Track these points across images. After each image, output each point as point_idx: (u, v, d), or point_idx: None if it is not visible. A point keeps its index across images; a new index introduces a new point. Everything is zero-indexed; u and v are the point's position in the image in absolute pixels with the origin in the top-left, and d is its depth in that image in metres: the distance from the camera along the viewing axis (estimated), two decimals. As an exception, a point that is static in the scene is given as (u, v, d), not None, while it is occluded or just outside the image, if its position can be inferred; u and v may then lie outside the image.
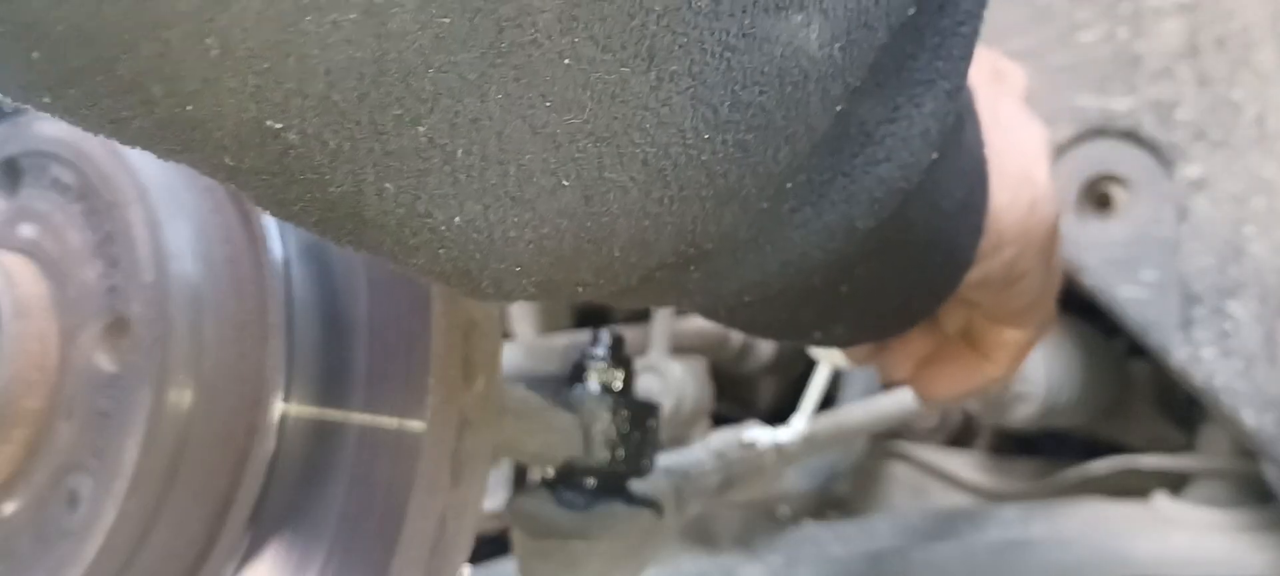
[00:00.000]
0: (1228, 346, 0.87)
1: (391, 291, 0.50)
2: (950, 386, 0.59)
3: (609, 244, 0.31)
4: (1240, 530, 1.09)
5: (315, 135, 0.26)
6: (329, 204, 0.28)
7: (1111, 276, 0.91)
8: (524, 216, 0.29)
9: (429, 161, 0.27)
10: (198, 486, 0.50)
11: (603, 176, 0.29)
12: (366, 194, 0.27)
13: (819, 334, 0.48)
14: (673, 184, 0.31)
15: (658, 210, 0.31)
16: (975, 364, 0.58)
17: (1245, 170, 0.86)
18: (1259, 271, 0.86)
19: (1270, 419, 0.86)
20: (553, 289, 0.33)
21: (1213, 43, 0.87)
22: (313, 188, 0.27)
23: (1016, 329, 0.57)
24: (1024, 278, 0.52)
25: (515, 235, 0.29)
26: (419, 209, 0.28)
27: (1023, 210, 0.49)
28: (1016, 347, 0.58)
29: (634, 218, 0.31)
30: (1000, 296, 0.53)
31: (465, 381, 0.49)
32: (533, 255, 0.30)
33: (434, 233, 0.29)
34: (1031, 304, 0.55)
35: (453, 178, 0.28)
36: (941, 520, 1.23)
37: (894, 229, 0.40)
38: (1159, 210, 0.90)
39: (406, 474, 0.48)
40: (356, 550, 0.49)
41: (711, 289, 0.39)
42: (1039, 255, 0.52)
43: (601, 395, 0.59)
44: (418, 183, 0.27)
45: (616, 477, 0.60)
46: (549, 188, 0.29)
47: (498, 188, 0.28)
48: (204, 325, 0.49)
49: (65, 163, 0.52)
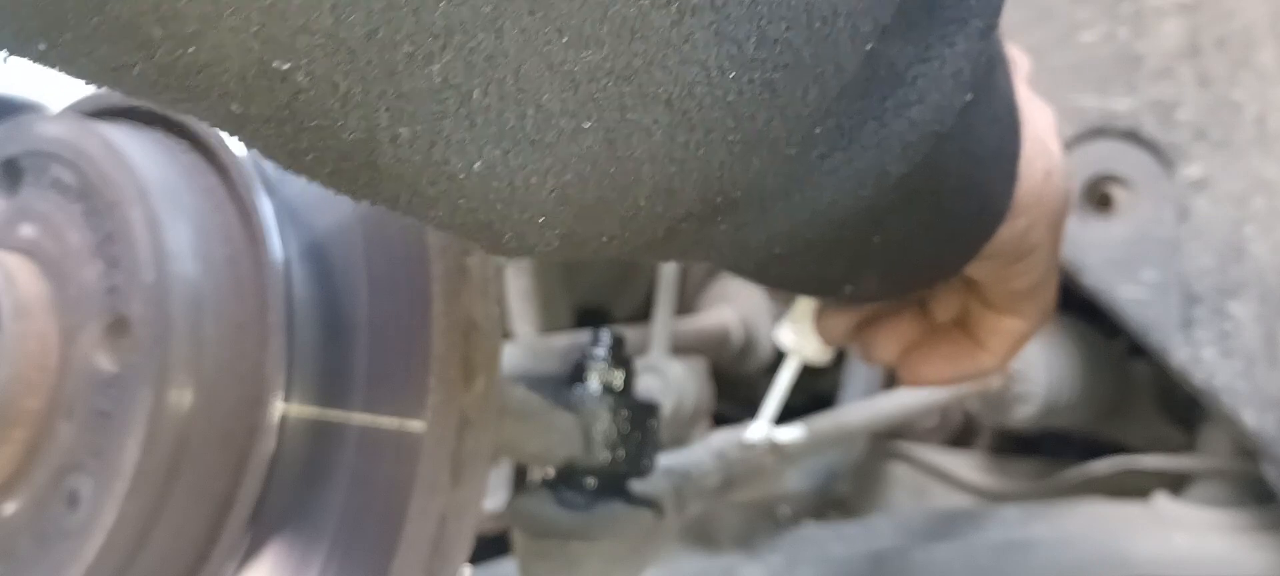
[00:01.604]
0: (1228, 347, 0.87)
1: (392, 291, 0.50)
2: (940, 371, 0.57)
3: (634, 192, 0.30)
4: (1240, 530, 1.09)
5: (324, 77, 0.25)
6: (342, 153, 0.27)
7: (1112, 276, 0.91)
8: (545, 162, 0.28)
9: (444, 103, 0.26)
10: (198, 487, 0.50)
11: (625, 118, 0.28)
12: (380, 140, 0.26)
13: (849, 288, 0.46)
14: (698, 126, 0.29)
15: (683, 155, 0.30)
16: (969, 351, 0.56)
17: (1246, 170, 0.86)
18: (1260, 271, 0.86)
19: (1271, 419, 0.86)
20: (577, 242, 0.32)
21: (1213, 43, 0.87)
22: (324, 135, 0.26)
23: (1015, 317, 0.55)
24: (1033, 252, 0.50)
25: (537, 182, 0.28)
26: (436, 156, 0.27)
27: (1039, 178, 0.47)
28: (1014, 337, 0.56)
29: (659, 163, 0.30)
30: (1006, 272, 0.51)
31: (465, 381, 0.49)
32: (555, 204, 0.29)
33: (452, 181, 0.27)
34: (1034, 286, 0.53)
35: (469, 121, 0.26)
36: (942, 520, 1.23)
37: (927, 176, 0.38)
38: (1159, 210, 0.90)
39: (407, 474, 0.48)
40: (357, 550, 0.49)
41: (740, 242, 0.38)
42: (1050, 230, 0.50)
43: (602, 395, 0.59)
44: (433, 127, 0.26)
45: (617, 478, 0.60)
46: (570, 130, 0.27)
47: (517, 131, 0.27)
48: (204, 325, 0.49)
49: (65, 162, 0.52)
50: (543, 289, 1.20)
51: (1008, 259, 0.50)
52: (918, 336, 0.57)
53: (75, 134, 0.52)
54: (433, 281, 0.49)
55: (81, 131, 0.52)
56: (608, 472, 0.59)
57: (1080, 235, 0.92)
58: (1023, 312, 0.55)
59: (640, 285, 1.31)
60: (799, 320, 0.64)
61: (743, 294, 1.27)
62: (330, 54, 0.24)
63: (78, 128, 0.52)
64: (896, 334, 0.57)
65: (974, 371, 0.57)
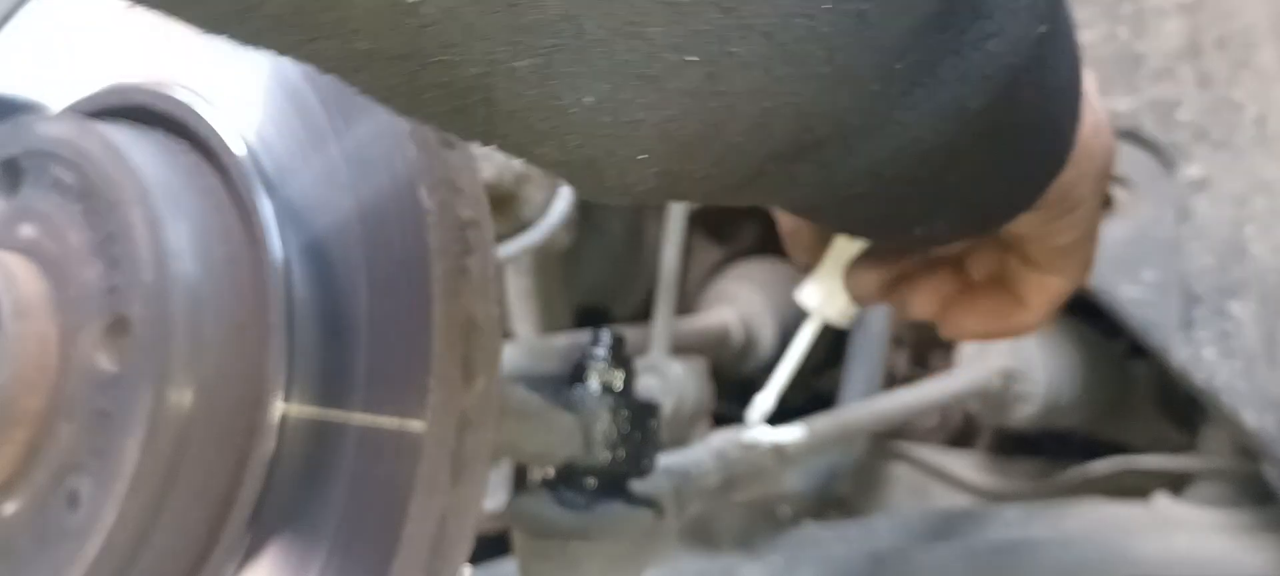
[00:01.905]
0: (1229, 347, 0.87)
1: (392, 291, 0.50)
2: (980, 325, 0.57)
3: (729, 128, 0.31)
4: (1241, 530, 1.09)
5: (451, 9, 0.25)
6: (462, 88, 0.28)
7: (1112, 276, 0.91)
8: (650, 97, 0.29)
9: (560, 36, 0.27)
10: (198, 487, 0.50)
11: (726, 50, 0.29)
12: (498, 75, 0.27)
13: (920, 229, 0.47)
14: (793, 59, 0.30)
15: (777, 89, 0.30)
16: (1009, 307, 0.57)
17: (1246, 170, 0.86)
18: (1260, 272, 0.86)
19: (1271, 419, 0.86)
20: (672, 182, 0.32)
21: (1214, 43, 0.87)
22: (447, 70, 0.27)
23: (1056, 275, 0.55)
24: (1080, 206, 0.51)
25: (642, 117, 0.29)
26: (549, 90, 0.28)
27: (1089, 129, 0.48)
28: (1054, 294, 0.56)
29: (754, 97, 0.30)
30: (1052, 227, 0.52)
31: (465, 381, 0.49)
32: (657, 140, 0.30)
33: (563, 116, 0.28)
34: (1076, 243, 0.53)
35: (582, 54, 0.27)
36: (942, 520, 1.23)
37: (1003, 110, 0.39)
38: (1160, 210, 0.90)
39: (407, 474, 0.48)
40: (357, 550, 0.49)
41: (822, 181, 0.38)
42: (1096, 184, 0.51)
43: (602, 395, 0.59)
44: (548, 61, 0.27)
45: (617, 478, 0.60)
46: (674, 64, 0.28)
47: (625, 65, 0.28)
48: (204, 325, 0.49)
49: (66, 163, 0.52)
50: (543, 289, 1.20)
51: (1057, 211, 0.50)
52: (954, 290, 0.58)
53: (76, 134, 0.52)
54: (433, 281, 0.49)
55: (82, 131, 0.52)
56: (608, 472, 0.59)
57: (1080, 235, 0.92)
58: (1063, 270, 0.55)
59: (640, 285, 1.31)
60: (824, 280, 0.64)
61: (743, 294, 1.27)
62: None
63: (78, 128, 0.52)
64: (934, 290, 0.57)
65: (1016, 327, 0.57)
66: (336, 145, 0.52)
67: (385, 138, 0.51)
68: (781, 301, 1.28)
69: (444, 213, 0.49)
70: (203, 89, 0.56)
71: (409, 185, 0.50)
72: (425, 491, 0.48)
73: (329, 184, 0.52)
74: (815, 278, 0.64)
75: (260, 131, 0.54)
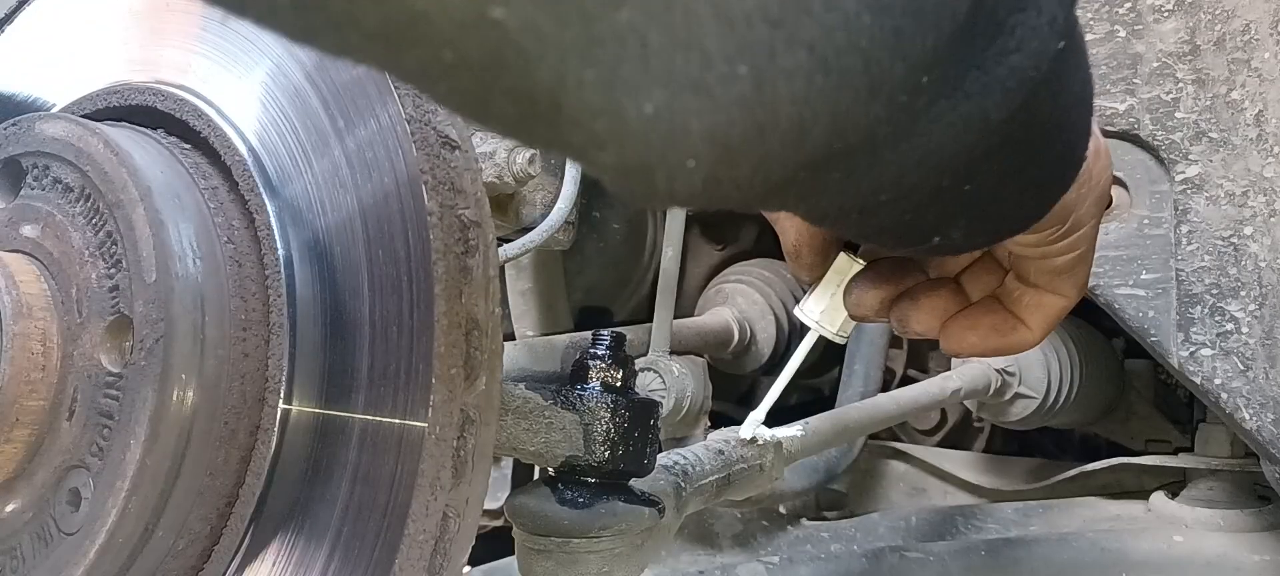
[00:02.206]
0: (1226, 346, 0.87)
1: (394, 291, 0.50)
2: (981, 342, 0.59)
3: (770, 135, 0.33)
4: (1238, 530, 1.09)
5: (530, 21, 0.27)
6: (532, 97, 0.30)
7: (1111, 276, 0.92)
8: (702, 104, 0.31)
9: (626, 47, 0.29)
10: (200, 485, 0.50)
11: (773, 62, 0.31)
12: (568, 83, 0.29)
13: (938, 238, 0.49)
14: (833, 70, 0.32)
15: (816, 98, 0.33)
16: (1009, 324, 0.59)
17: (1244, 170, 0.86)
18: (1258, 271, 0.86)
19: (1269, 418, 0.86)
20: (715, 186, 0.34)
21: (1212, 43, 0.87)
22: (521, 78, 0.29)
23: (1054, 294, 0.58)
24: (1078, 229, 0.53)
25: (696, 125, 0.31)
26: (613, 99, 0.30)
27: (1091, 152, 0.50)
28: (1053, 312, 0.58)
29: (795, 105, 0.32)
30: (1053, 247, 0.54)
31: (467, 380, 0.49)
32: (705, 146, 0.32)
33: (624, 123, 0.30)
34: (1074, 264, 0.56)
35: (645, 64, 0.29)
36: (940, 519, 1.23)
37: (1021, 121, 0.41)
38: (1158, 210, 0.90)
39: (409, 472, 0.48)
40: (359, 547, 0.49)
41: (850, 188, 0.40)
42: (1095, 206, 0.53)
43: (602, 394, 0.60)
44: (613, 71, 0.29)
45: (617, 476, 0.60)
46: (726, 75, 0.30)
47: (681, 74, 0.30)
48: (207, 324, 0.49)
49: (67, 163, 0.52)
50: (543, 289, 1.20)
51: (1058, 232, 0.53)
52: (953, 308, 0.60)
53: (77, 135, 0.52)
54: (435, 281, 0.49)
55: (84, 132, 0.52)
56: (608, 471, 0.59)
57: (1079, 235, 0.92)
58: (1061, 290, 0.58)
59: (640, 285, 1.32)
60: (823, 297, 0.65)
61: (742, 294, 1.28)
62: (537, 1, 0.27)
63: (80, 128, 0.52)
64: (935, 306, 0.60)
65: (1016, 345, 0.59)
66: (339, 146, 0.52)
67: (387, 139, 0.51)
68: (780, 301, 1.28)
69: (445, 213, 0.49)
70: (205, 90, 0.56)
71: (411, 186, 0.50)
72: (427, 489, 0.48)
73: (331, 184, 0.52)
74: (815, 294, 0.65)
75: (263, 132, 0.54)
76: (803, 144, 0.34)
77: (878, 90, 0.34)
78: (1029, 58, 0.39)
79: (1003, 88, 0.39)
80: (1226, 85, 0.86)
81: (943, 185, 0.42)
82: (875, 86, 0.34)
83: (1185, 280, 0.89)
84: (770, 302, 1.27)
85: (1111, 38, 0.90)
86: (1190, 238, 0.88)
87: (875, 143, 0.38)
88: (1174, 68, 0.88)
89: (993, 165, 0.43)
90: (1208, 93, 0.87)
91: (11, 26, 0.66)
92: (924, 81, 0.36)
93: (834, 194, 0.41)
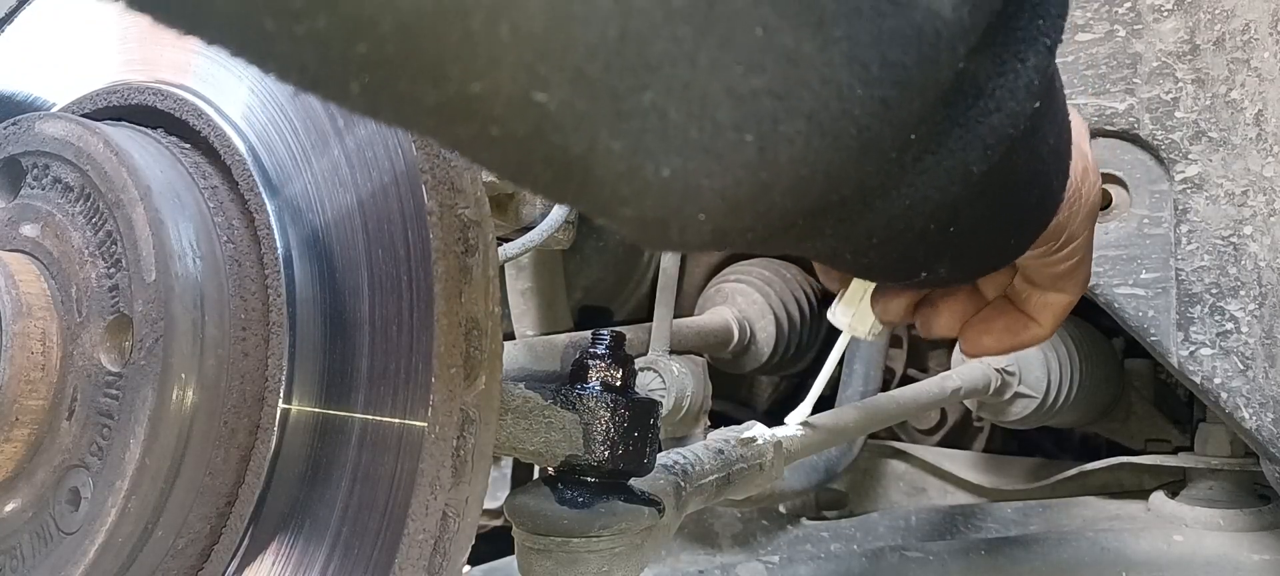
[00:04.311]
0: (1226, 346, 0.87)
1: (394, 290, 0.50)
2: (1000, 342, 0.65)
3: (773, 191, 0.37)
4: (1238, 529, 1.09)
5: (568, 102, 0.31)
6: (566, 163, 0.33)
7: (1110, 276, 0.92)
8: (713, 167, 0.34)
9: (648, 122, 0.32)
10: (200, 484, 0.50)
11: (776, 130, 0.35)
12: (598, 152, 0.33)
13: (925, 274, 0.54)
14: (829, 135, 0.36)
15: (814, 159, 0.36)
16: (1021, 324, 0.64)
17: (1244, 170, 0.86)
18: (1257, 271, 0.86)
19: (1269, 418, 0.86)
20: (722, 235, 0.38)
21: (1212, 42, 0.87)
22: (557, 150, 0.33)
23: (1058, 293, 0.63)
24: (1075, 239, 0.58)
25: (706, 184, 0.35)
26: (636, 164, 0.33)
27: (1079, 173, 0.55)
28: (1059, 309, 0.64)
29: (795, 165, 0.36)
30: (1051, 258, 0.59)
31: (467, 380, 0.49)
32: (715, 202, 0.36)
33: (644, 184, 0.34)
34: (1074, 267, 0.61)
35: (664, 135, 0.33)
36: (940, 518, 1.23)
37: (1001, 173, 0.46)
38: (1157, 210, 0.90)
39: (409, 471, 0.49)
40: (359, 546, 0.49)
41: (843, 233, 0.45)
42: (1087, 219, 0.58)
43: (602, 393, 0.59)
44: (637, 140, 0.33)
45: (617, 475, 0.60)
46: (734, 142, 0.34)
47: (697, 143, 0.34)
48: (206, 324, 0.49)
49: (67, 163, 0.52)
50: (543, 288, 1.20)
51: (1053, 246, 0.58)
52: (971, 310, 0.66)
53: (77, 134, 0.52)
54: (435, 281, 0.49)
55: (83, 131, 0.52)
56: (608, 470, 0.59)
57: (1078, 234, 0.92)
58: (1065, 289, 0.63)
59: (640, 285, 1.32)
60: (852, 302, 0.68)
61: (742, 294, 1.28)
62: (575, 85, 0.31)
63: (80, 128, 0.52)
64: (954, 310, 0.65)
65: (1028, 341, 0.65)
66: (338, 145, 0.52)
67: (387, 138, 0.51)
68: (780, 301, 1.28)
69: (445, 212, 0.49)
70: (205, 89, 0.56)
71: (411, 185, 0.50)
72: (427, 488, 0.48)
73: (332, 184, 0.52)
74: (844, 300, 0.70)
75: (263, 132, 0.54)
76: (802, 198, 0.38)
77: (870, 149, 0.38)
78: (1007, 118, 0.43)
79: (983, 144, 0.43)
80: (1226, 85, 0.86)
81: (929, 229, 0.46)
82: (867, 147, 0.38)
83: (1185, 279, 0.89)
84: (770, 302, 1.27)
85: (1111, 37, 0.91)
86: (1190, 237, 0.88)
87: (867, 194, 0.43)
88: (1174, 67, 0.88)
89: (975, 211, 0.48)
90: (1207, 92, 0.87)
91: (11, 26, 0.66)
92: (912, 138, 0.41)
93: (829, 238, 0.45)
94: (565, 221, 0.94)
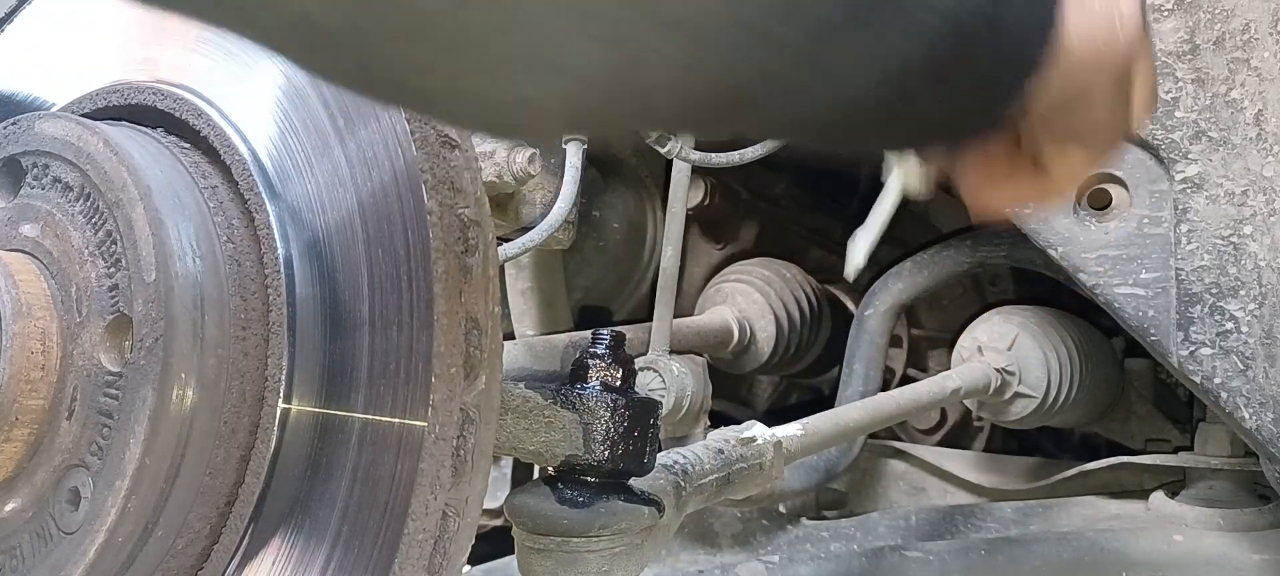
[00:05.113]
0: (1226, 345, 0.87)
1: (394, 290, 0.50)
2: (1001, 195, 0.59)
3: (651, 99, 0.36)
4: (1238, 529, 1.09)
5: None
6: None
7: (1110, 276, 0.92)
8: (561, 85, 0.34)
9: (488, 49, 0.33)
10: (200, 484, 0.50)
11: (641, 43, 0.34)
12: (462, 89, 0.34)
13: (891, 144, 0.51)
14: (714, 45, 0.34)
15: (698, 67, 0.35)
16: (1034, 177, 0.58)
17: (1244, 169, 0.86)
18: (1257, 270, 0.86)
19: (1269, 417, 0.86)
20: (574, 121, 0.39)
21: (1211, 42, 0.87)
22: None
23: (1076, 146, 0.57)
24: (1086, 94, 0.53)
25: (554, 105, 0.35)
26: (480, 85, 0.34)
27: (1100, 36, 0.51)
28: (1077, 165, 0.58)
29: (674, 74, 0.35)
30: (1059, 112, 0.54)
31: (467, 379, 0.49)
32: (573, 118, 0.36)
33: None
34: (1094, 124, 0.56)
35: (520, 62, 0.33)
36: (939, 518, 1.23)
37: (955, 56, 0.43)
38: (1158, 209, 0.90)
39: (409, 471, 0.49)
40: (359, 546, 0.49)
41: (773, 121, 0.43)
42: (1112, 81, 0.53)
43: (602, 393, 0.59)
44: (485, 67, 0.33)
45: (617, 475, 0.60)
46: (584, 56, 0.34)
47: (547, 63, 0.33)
48: (206, 323, 0.49)
49: (67, 162, 0.52)
50: (543, 288, 1.20)
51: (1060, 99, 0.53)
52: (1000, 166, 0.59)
53: (77, 134, 0.52)
54: (435, 281, 0.49)
55: (83, 131, 0.52)
56: (607, 470, 0.59)
57: (1078, 236, 0.92)
58: (1085, 142, 0.57)
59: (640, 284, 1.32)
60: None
61: (742, 294, 1.28)
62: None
63: (80, 127, 0.52)
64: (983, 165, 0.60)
65: (1035, 195, 0.59)
66: (339, 146, 0.52)
67: (387, 138, 0.51)
68: (780, 301, 1.28)
69: (445, 212, 0.49)
70: (205, 89, 0.56)
71: (411, 184, 0.50)
72: (427, 487, 0.48)
73: (331, 183, 0.52)
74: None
75: (264, 132, 0.54)
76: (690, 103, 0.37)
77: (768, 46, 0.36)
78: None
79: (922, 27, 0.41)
80: (1226, 84, 0.86)
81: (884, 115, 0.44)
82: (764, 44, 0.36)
83: (1185, 279, 0.89)
84: (770, 302, 1.27)
85: (1111, 37, 0.90)
86: (1190, 237, 0.88)
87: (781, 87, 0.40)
88: (1174, 67, 0.88)
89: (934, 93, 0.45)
90: (1207, 92, 0.87)
91: (11, 26, 0.66)
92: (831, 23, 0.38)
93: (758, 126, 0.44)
94: (565, 221, 0.94)
